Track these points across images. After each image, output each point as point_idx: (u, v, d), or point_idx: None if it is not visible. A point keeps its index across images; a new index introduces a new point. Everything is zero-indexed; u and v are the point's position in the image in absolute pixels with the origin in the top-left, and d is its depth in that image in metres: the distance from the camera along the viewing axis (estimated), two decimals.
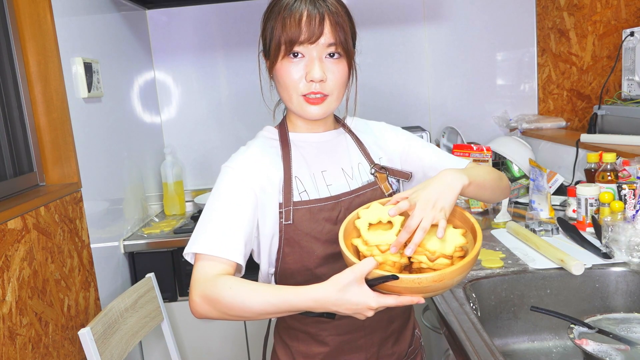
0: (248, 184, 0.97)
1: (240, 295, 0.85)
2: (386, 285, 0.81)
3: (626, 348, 0.97)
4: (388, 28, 2.46)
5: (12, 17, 1.53)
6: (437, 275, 0.80)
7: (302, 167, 1.02)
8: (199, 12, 2.44)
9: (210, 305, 0.87)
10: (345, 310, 0.82)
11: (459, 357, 0.98)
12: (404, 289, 0.80)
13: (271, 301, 0.84)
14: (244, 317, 0.88)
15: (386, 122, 1.20)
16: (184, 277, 1.99)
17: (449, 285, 0.83)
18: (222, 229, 0.93)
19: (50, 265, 1.46)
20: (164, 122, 2.52)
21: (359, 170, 1.07)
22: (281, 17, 0.94)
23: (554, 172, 1.92)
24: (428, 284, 0.79)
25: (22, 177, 1.53)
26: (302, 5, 0.93)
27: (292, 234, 0.98)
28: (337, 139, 1.09)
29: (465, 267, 0.83)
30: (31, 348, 1.34)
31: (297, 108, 0.99)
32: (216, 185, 0.99)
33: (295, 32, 0.93)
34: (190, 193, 2.49)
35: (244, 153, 1.02)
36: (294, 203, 0.99)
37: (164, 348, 1.87)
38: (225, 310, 0.86)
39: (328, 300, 0.81)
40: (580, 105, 2.41)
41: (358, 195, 1.03)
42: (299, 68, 0.95)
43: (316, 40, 0.93)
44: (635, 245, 1.28)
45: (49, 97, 1.59)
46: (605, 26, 2.27)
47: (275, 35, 0.95)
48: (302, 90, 0.96)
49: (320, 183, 1.02)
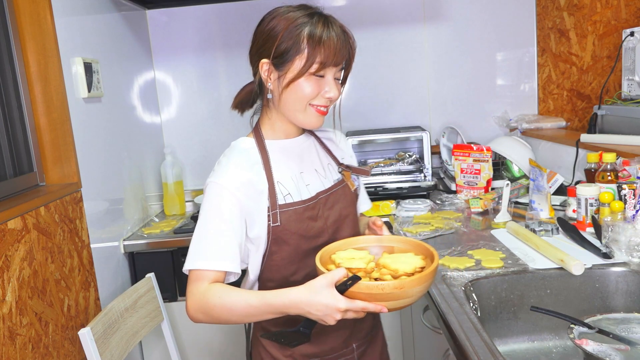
0: (235, 196, 1.05)
1: (227, 302, 0.98)
2: (353, 293, 0.91)
3: (626, 348, 0.97)
4: (388, 28, 2.46)
5: (12, 17, 1.53)
6: (397, 282, 0.91)
7: (283, 171, 1.12)
8: (199, 12, 2.44)
9: (203, 314, 1.02)
10: (316, 311, 0.92)
11: (459, 357, 0.98)
12: (369, 295, 0.91)
13: (253, 304, 0.97)
14: (231, 321, 1.01)
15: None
16: (184, 277, 1.97)
17: (410, 295, 0.93)
18: (213, 243, 1.03)
19: (50, 265, 1.46)
20: (164, 122, 2.52)
21: (330, 169, 1.20)
22: (319, 41, 1.03)
23: (554, 172, 1.92)
24: (390, 291, 0.90)
25: (22, 177, 1.53)
26: (339, 35, 1.05)
27: (279, 234, 1.08)
28: (307, 142, 1.21)
29: (423, 279, 0.93)
30: (31, 348, 1.34)
31: (303, 118, 1.10)
32: (205, 201, 1.07)
33: (330, 57, 1.04)
34: (190, 193, 2.49)
35: (226, 166, 1.09)
36: (280, 206, 1.08)
37: (164, 348, 1.87)
38: (216, 317, 1.00)
39: (301, 301, 0.92)
40: (580, 105, 2.41)
41: (332, 193, 1.17)
42: (319, 85, 1.07)
43: (339, 64, 1.08)
44: (635, 245, 1.28)
45: (49, 97, 1.59)
46: (605, 26, 2.27)
47: (308, 55, 1.04)
48: (314, 102, 1.08)
49: (300, 184, 1.13)
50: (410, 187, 2.15)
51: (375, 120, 2.51)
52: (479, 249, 1.46)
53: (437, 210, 1.93)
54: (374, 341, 1.26)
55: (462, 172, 2.05)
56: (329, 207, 1.14)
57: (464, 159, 2.05)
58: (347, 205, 1.19)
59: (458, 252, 1.45)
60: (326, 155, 1.22)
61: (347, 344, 1.19)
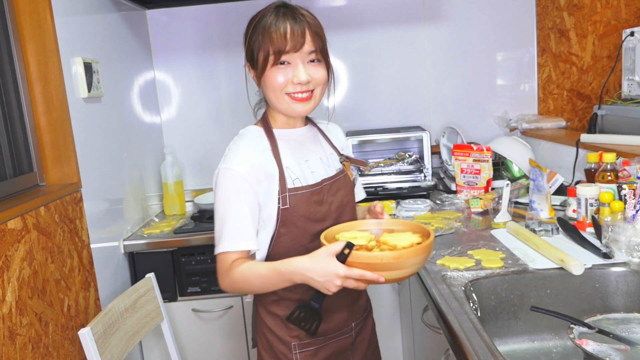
0: (247, 180, 1.12)
1: (245, 275, 1.09)
2: (354, 263, 0.99)
3: (626, 348, 0.97)
4: (388, 28, 2.46)
5: (12, 17, 1.53)
6: (396, 253, 0.99)
7: (290, 158, 1.19)
8: (199, 12, 2.44)
9: (231, 288, 1.14)
10: (317, 276, 1.00)
11: (459, 357, 0.98)
12: (368, 265, 0.98)
13: (263, 274, 1.08)
14: (253, 291, 1.17)
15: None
16: (183, 277, 1.99)
17: (406, 266, 1.00)
18: (233, 227, 1.12)
19: (50, 265, 1.46)
20: (164, 122, 2.52)
21: (332, 159, 1.27)
22: (268, 32, 1.10)
23: (554, 172, 1.92)
24: (388, 261, 0.98)
25: (22, 177, 1.53)
26: (286, 22, 1.10)
27: (288, 216, 1.16)
28: (311, 133, 1.28)
29: (419, 251, 1.00)
30: (31, 348, 1.34)
31: (285, 107, 1.16)
32: (220, 187, 1.13)
33: (282, 44, 1.10)
34: (190, 193, 2.49)
35: (236, 152, 1.16)
36: (289, 190, 1.15)
37: (164, 348, 1.87)
38: (239, 289, 1.13)
39: (304, 267, 1.02)
40: (580, 105, 2.41)
41: (335, 181, 1.24)
42: (285, 73, 1.13)
43: (300, 48, 1.11)
44: (635, 245, 1.28)
45: (49, 97, 1.59)
46: (605, 26, 2.27)
47: (263, 48, 1.11)
48: (288, 90, 1.14)
49: (306, 171, 1.20)
50: (410, 187, 2.15)
51: (375, 120, 2.51)
52: (479, 249, 1.46)
53: (437, 210, 1.93)
54: (366, 320, 1.36)
55: (462, 172, 2.05)
56: (332, 194, 1.22)
57: (464, 159, 2.05)
58: (348, 193, 1.27)
59: (458, 252, 1.45)
60: (328, 146, 1.30)
61: (347, 323, 1.27)
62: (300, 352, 1.22)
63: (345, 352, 1.29)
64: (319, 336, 1.23)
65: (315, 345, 1.23)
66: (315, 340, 1.23)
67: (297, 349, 1.22)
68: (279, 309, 1.22)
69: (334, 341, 1.25)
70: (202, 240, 1.95)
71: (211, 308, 2.02)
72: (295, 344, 1.22)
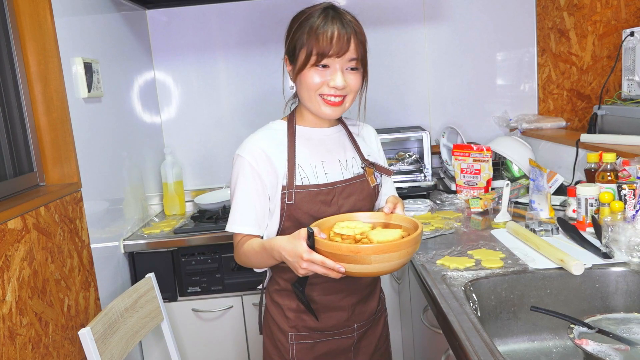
0: (253, 167, 1.18)
1: (246, 252, 1.20)
2: (320, 250, 1.02)
3: (626, 348, 0.97)
4: (388, 28, 2.46)
5: (12, 17, 1.53)
6: (353, 247, 0.99)
7: (305, 156, 1.22)
8: (199, 12, 2.44)
9: (240, 262, 1.24)
10: (288, 256, 1.05)
11: (459, 357, 0.98)
12: (330, 254, 1.00)
13: (257, 250, 1.16)
14: (254, 265, 1.22)
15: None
16: (184, 277, 1.99)
17: (368, 262, 0.99)
18: (239, 212, 1.20)
19: (50, 265, 1.46)
20: (164, 122, 2.52)
21: (352, 163, 1.28)
22: (315, 32, 1.12)
23: (554, 172, 1.92)
24: (346, 253, 0.98)
25: (22, 177, 1.53)
26: (334, 25, 1.12)
27: (292, 211, 1.19)
28: (337, 134, 1.29)
29: (378, 249, 0.98)
30: (31, 348, 1.34)
31: (315, 107, 1.19)
32: (232, 173, 1.22)
33: (326, 47, 1.11)
34: (190, 193, 2.49)
35: (250, 141, 1.21)
36: (297, 186, 1.18)
37: (164, 348, 1.87)
38: (244, 262, 1.23)
39: (280, 246, 1.07)
40: (580, 105, 2.42)
41: (350, 185, 1.24)
42: (323, 75, 1.15)
43: (343, 55, 1.13)
44: (635, 245, 1.28)
45: (49, 97, 1.59)
46: (605, 26, 2.27)
47: (306, 47, 1.13)
48: (322, 92, 1.16)
49: (319, 171, 1.22)
50: (410, 187, 2.15)
51: (376, 120, 2.51)
52: (479, 249, 1.46)
53: (437, 210, 1.93)
54: (375, 324, 1.35)
55: (462, 172, 2.05)
56: (344, 197, 1.23)
57: (464, 159, 2.05)
58: (363, 199, 1.26)
59: (458, 252, 1.45)
60: (353, 149, 1.30)
61: (349, 324, 1.28)
62: (297, 342, 1.25)
63: (346, 353, 1.29)
64: (316, 330, 1.25)
65: (312, 339, 1.26)
66: (313, 334, 1.25)
67: (293, 339, 1.25)
68: (280, 298, 1.27)
69: (333, 339, 1.26)
70: (202, 240, 1.95)
71: (211, 308, 2.02)
72: (292, 334, 1.25)
